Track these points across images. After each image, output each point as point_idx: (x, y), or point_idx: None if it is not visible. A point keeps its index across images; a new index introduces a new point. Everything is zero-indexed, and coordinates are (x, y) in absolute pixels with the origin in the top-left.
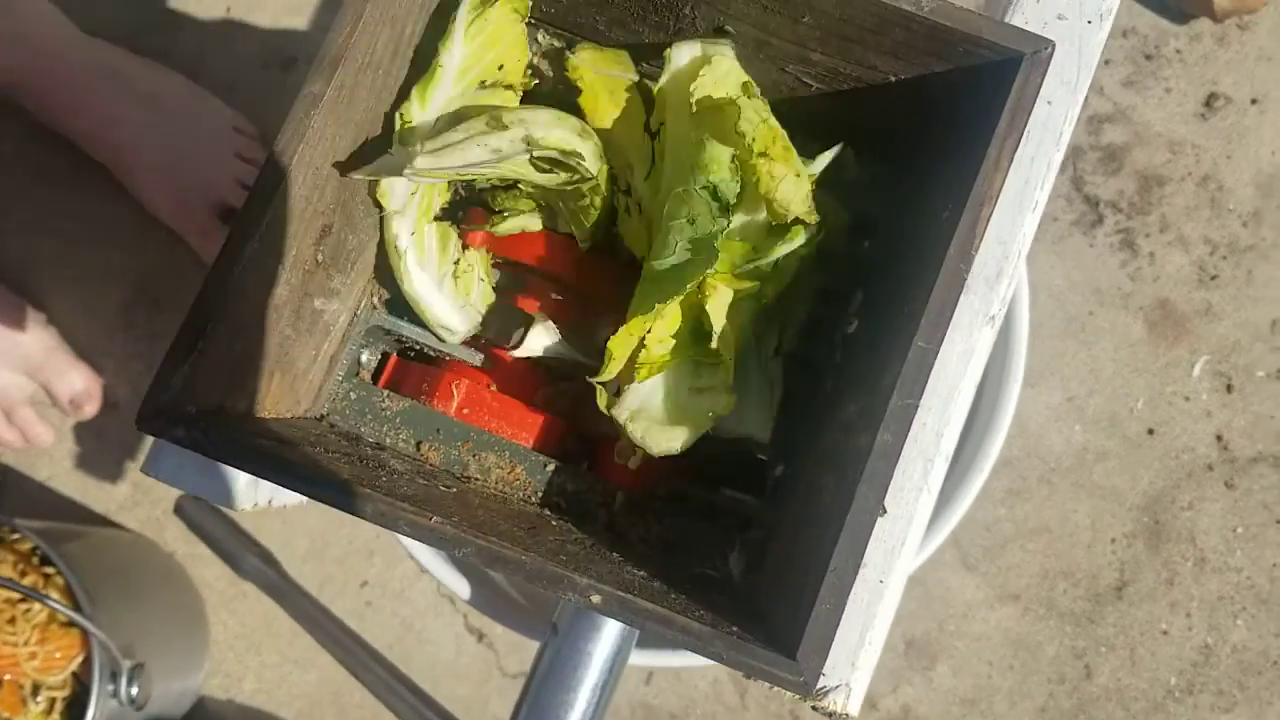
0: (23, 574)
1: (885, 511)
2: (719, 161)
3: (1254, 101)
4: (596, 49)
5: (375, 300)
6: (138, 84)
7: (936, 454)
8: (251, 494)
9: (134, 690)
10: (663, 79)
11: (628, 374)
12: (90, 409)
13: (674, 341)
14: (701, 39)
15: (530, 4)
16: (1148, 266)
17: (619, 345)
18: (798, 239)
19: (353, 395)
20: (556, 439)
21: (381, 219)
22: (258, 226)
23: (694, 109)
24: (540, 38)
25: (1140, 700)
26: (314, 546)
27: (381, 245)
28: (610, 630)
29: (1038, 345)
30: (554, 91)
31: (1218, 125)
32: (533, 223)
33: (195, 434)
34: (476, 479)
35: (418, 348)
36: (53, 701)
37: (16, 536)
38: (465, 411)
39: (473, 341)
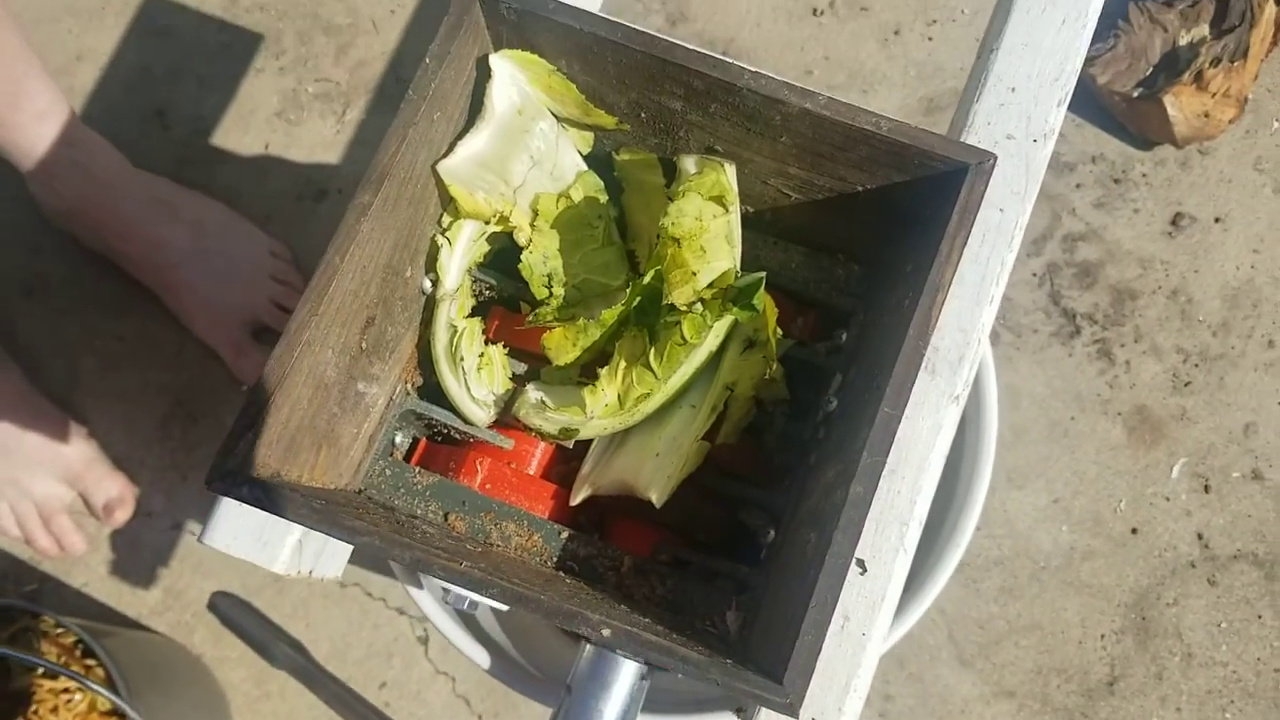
0: (65, 665)
1: (865, 570)
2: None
3: (1217, 220)
4: (634, 152)
5: (409, 387)
6: (182, 212)
7: (911, 518)
8: (296, 560)
9: None
10: (674, 184)
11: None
12: (123, 515)
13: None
14: (695, 155)
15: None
16: (1124, 374)
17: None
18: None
19: (388, 472)
20: (569, 510)
21: (424, 313)
22: (314, 315)
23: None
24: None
25: None
26: (335, 648)
27: (419, 337)
28: (620, 689)
29: (1023, 450)
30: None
31: (1184, 243)
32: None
33: (257, 492)
34: (498, 545)
35: (446, 430)
36: None
37: (60, 630)
38: (488, 486)
39: (494, 424)
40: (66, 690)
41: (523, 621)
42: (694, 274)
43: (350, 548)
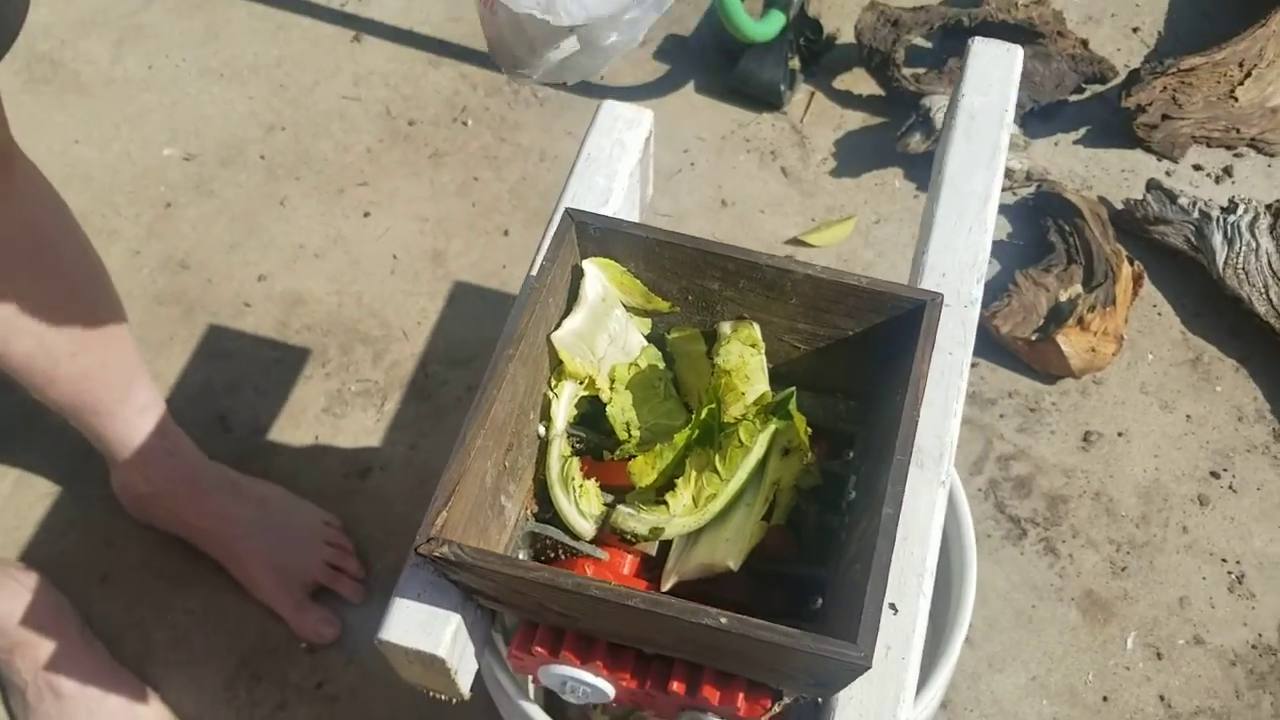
0: None
1: (897, 611)
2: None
3: (1120, 434)
4: (682, 330)
5: (528, 513)
6: (247, 491)
7: (924, 570)
8: (453, 648)
9: None
10: (716, 344)
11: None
12: None
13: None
14: (730, 320)
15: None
16: (1069, 565)
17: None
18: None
19: None
20: None
21: (538, 454)
22: (482, 429)
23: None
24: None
25: None
26: None
27: (536, 472)
28: None
29: (997, 637)
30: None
31: (1097, 454)
32: None
33: (455, 549)
34: None
35: (555, 549)
36: None
37: None
38: None
39: (598, 540)
40: None
41: None
42: (742, 394)
43: (475, 668)
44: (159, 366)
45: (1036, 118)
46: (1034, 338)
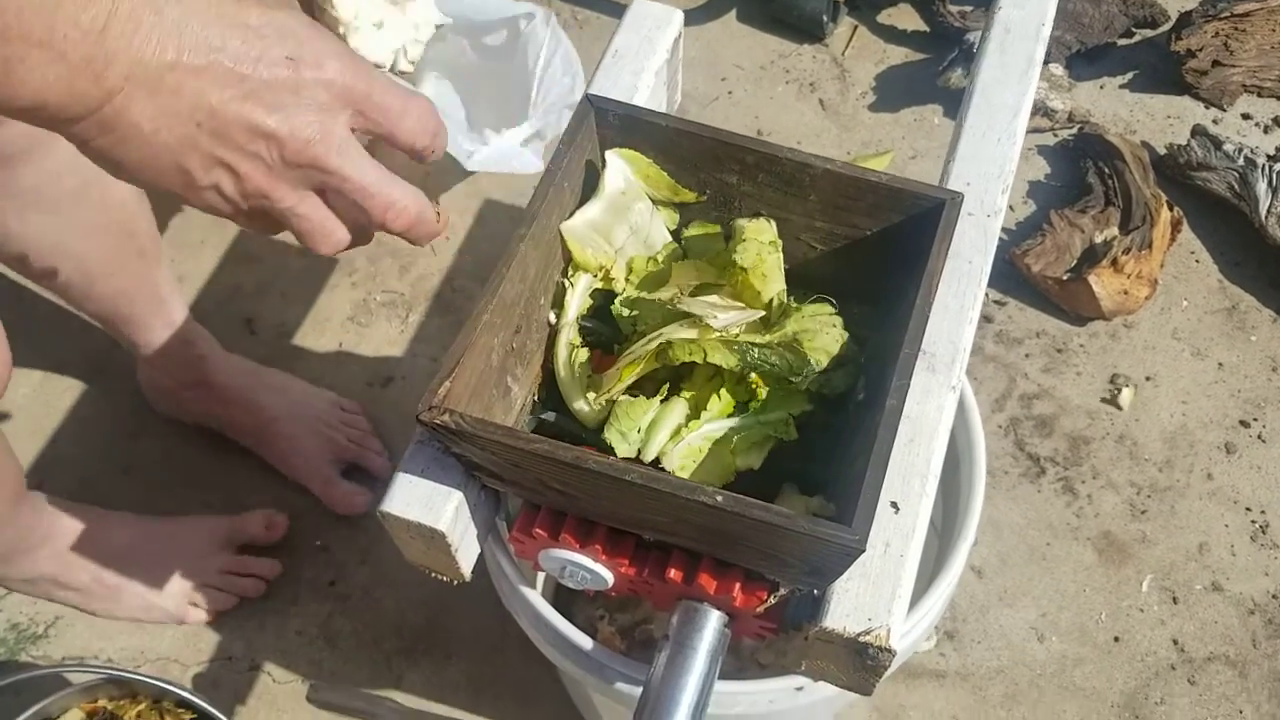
0: None
1: (898, 509)
2: None
3: (1148, 379)
4: (701, 226)
5: (535, 399)
6: (269, 380)
7: (929, 473)
8: (454, 524)
9: None
10: (733, 241)
11: None
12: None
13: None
14: (747, 217)
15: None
16: (1087, 506)
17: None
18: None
19: None
20: None
21: (547, 342)
22: (490, 304)
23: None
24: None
25: None
26: None
27: (544, 360)
28: (709, 630)
29: (1009, 573)
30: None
31: (1122, 398)
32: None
33: (457, 418)
34: None
35: (564, 436)
36: None
37: (182, 711)
38: None
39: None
40: None
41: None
42: (758, 292)
43: (478, 550)
44: (189, 268)
45: (1083, 59)
46: (1065, 277)
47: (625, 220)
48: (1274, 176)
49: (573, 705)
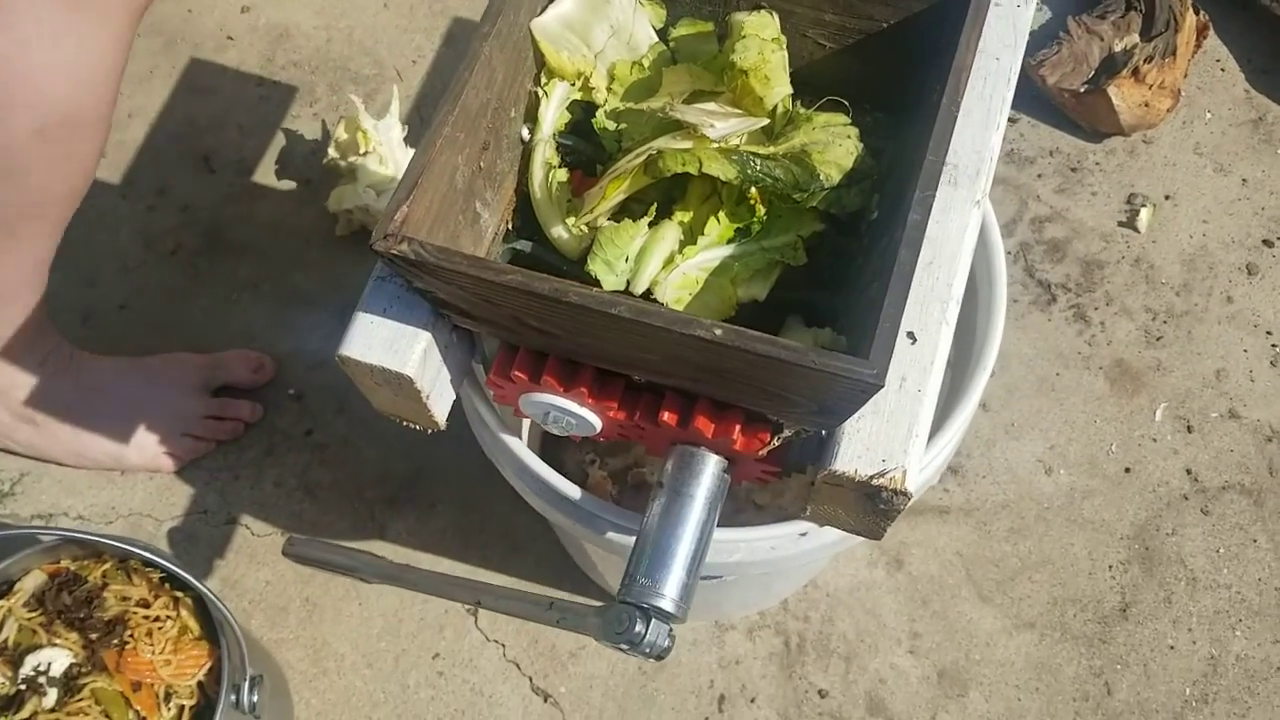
0: (156, 596)
1: (915, 340)
2: None
3: (1167, 198)
4: (692, 24)
5: (509, 226)
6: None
7: (949, 298)
8: (422, 368)
9: (254, 698)
10: (729, 39)
11: None
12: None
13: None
14: (746, 11)
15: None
16: (1100, 333)
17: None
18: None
19: None
20: None
21: (521, 162)
22: (451, 115)
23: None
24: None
25: (1162, 712)
26: (388, 624)
27: (519, 183)
28: (706, 479)
29: (1017, 404)
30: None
31: (1140, 218)
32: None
33: (415, 246)
34: None
35: (542, 268)
36: (181, 709)
37: (149, 569)
38: None
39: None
40: (158, 619)
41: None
42: (761, 98)
43: (453, 397)
44: (139, 101)
45: None
46: (1083, 89)
47: (604, 17)
48: None
49: (566, 553)
